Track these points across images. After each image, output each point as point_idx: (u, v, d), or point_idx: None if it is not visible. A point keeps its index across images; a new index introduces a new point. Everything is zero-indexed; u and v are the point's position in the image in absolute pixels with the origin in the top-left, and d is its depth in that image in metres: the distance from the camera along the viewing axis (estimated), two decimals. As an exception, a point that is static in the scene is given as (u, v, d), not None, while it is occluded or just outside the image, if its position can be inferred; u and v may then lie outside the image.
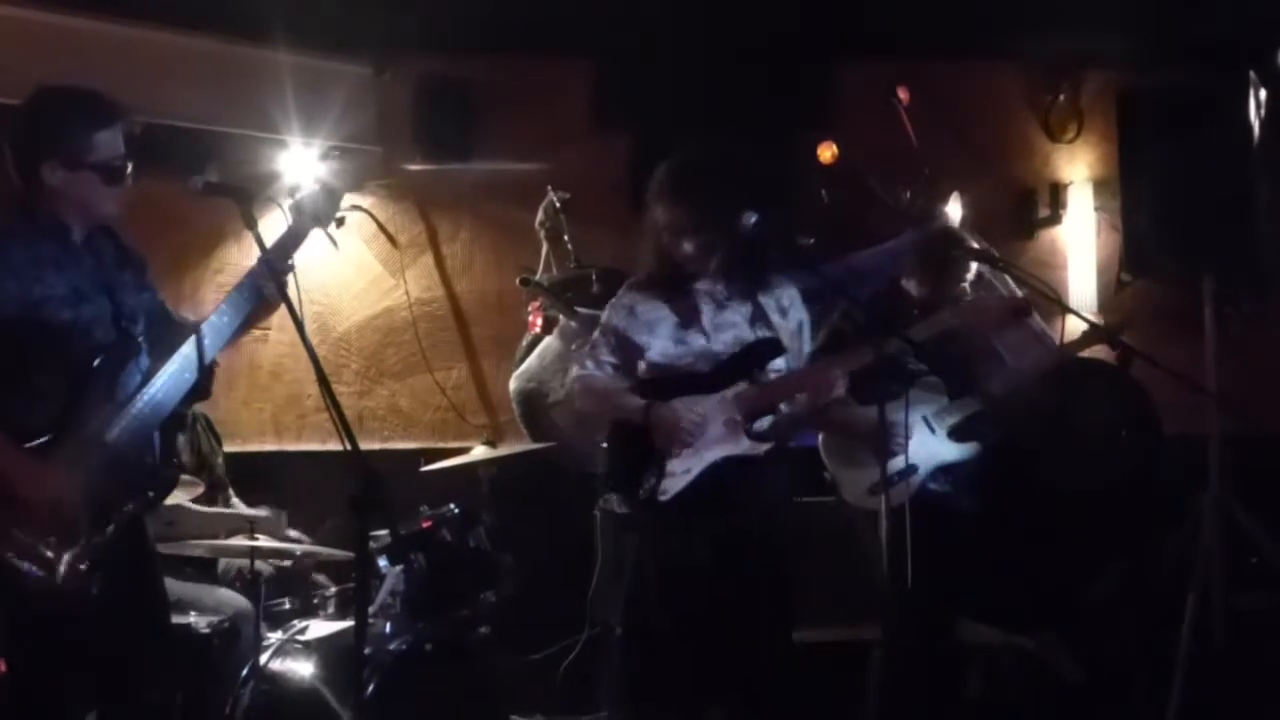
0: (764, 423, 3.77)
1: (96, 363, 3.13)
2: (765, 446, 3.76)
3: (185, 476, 4.57)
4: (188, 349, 3.19)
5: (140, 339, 3.27)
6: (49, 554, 3.01)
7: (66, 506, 3.03)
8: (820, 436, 4.38)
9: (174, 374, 3.18)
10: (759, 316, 3.82)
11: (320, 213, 3.32)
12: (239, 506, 5.05)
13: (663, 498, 3.67)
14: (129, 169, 3.26)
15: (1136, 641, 4.68)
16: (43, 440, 3.06)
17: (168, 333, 3.34)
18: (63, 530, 3.02)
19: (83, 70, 5.00)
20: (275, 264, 3.26)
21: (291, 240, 3.30)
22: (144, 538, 3.37)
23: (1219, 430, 4.58)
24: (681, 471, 3.68)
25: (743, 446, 3.72)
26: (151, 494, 3.30)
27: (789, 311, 3.86)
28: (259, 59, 5.53)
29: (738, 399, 3.73)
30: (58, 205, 3.19)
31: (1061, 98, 6.20)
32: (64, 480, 3.03)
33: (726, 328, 3.80)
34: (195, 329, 3.22)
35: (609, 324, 3.87)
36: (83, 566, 3.03)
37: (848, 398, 4.19)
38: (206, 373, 4.82)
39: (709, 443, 3.70)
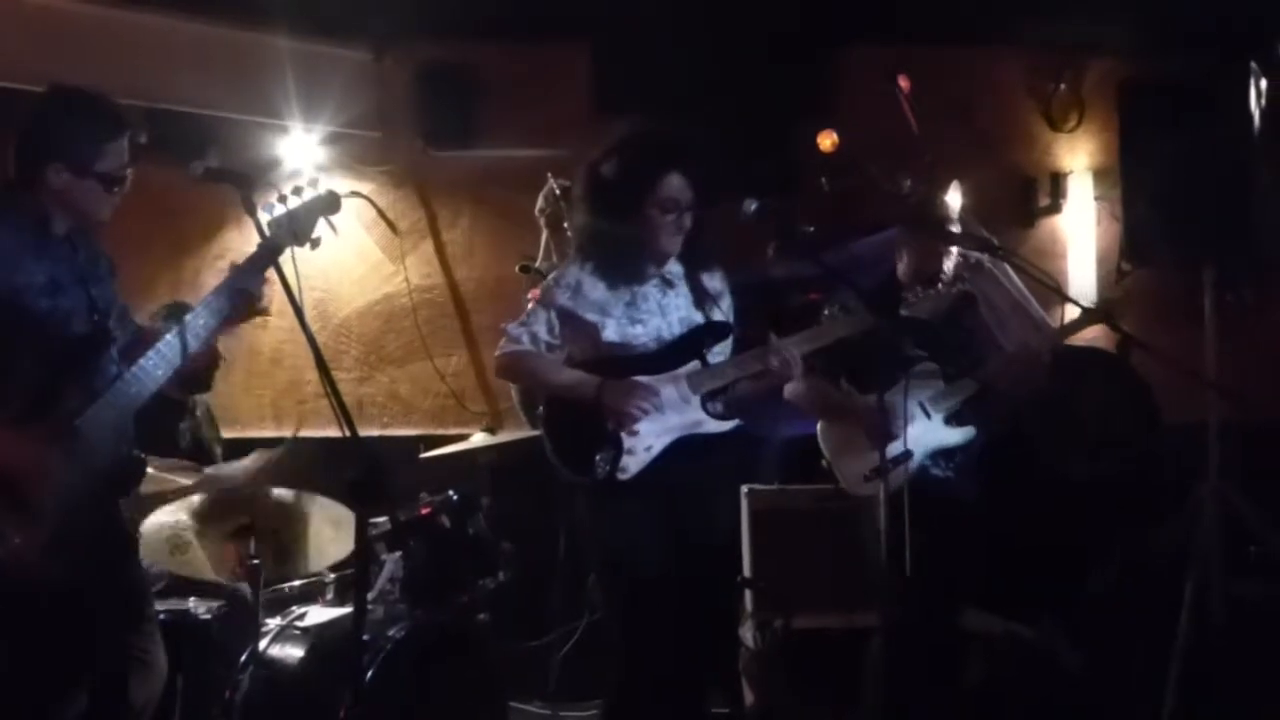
0: (719, 406, 3.75)
1: (72, 351, 3.14)
2: (726, 425, 3.75)
3: (182, 461, 4.56)
4: (163, 345, 3.17)
5: (113, 332, 3.28)
6: (8, 531, 2.98)
7: (38, 483, 3.00)
8: (818, 424, 4.36)
9: (148, 368, 3.16)
10: (703, 298, 3.82)
11: (297, 230, 3.29)
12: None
13: (623, 476, 3.62)
14: (129, 177, 3.26)
15: (1135, 629, 4.66)
16: (16, 419, 3.05)
17: (127, 335, 3.35)
18: (29, 508, 3.00)
19: (83, 55, 5.02)
20: (250, 276, 3.26)
21: (267, 255, 3.26)
22: (116, 523, 3.35)
23: (1218, 418, 4.57)
24: (643, 449, 3.64)
25: (703, 425, 3.71)
26: (121, 483, 3.29)
27: (722, 295, 3.88)
28: (259, 44, 5.53)
29: (691, 379, 3.71)
30: (51, 203, 3.21)
31: (1063, 87, 6.15)
32: (38, 455, 3.01)
33: (675, 309, 3.79)
34: (168, 329, 3.21)
35: (550, 300, 3.77)
36: (39, 547, 3.00)
37: (848, 385, 4.20)
38: (209, 366, 4.84)
39: (668, 421, 3.67)
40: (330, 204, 3.33)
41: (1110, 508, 5.06)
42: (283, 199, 3.29)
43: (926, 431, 4.14)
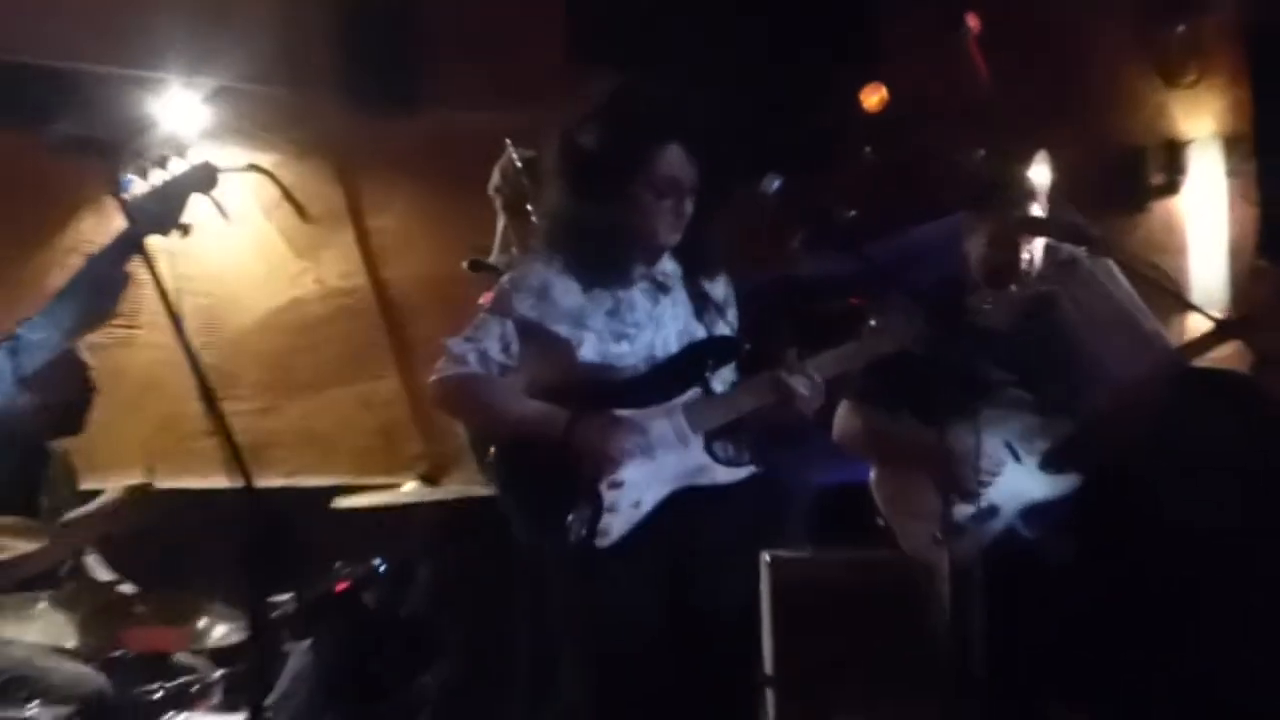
0: (729, 448, 3.73)
1: None
2: (739, 473, 3.74)
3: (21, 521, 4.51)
4: None
5: None
6: None
7: None
8: (872, 471, 4.37)
9: None
10: (705, 307, 3.82)
11: (163, 216, 3.24)
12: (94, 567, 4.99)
13: (603, 541, 3.58)
14: None
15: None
16: None
17: None
18: None
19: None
20: (105, 274, 3.21)
21: (125, 247, 3.21)
22: None
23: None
24: (629, 506, 3.61)
25: (708, 473, 3.69)
26: None
27: (728, 304, 3.89)
28: (129, -23, 5.57)
29: (691, 412, 3.68)
30: None
31: (1180, 29, 6.18)
32: None
33: (671, 320, 3.78)
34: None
35: (507, 308, 3.73)
36: None
37: (909, 417, 4.16)
38: (81, 399, 4.83)
39: (662, 467, 3.65)
40: (205, 180, 3.26)
41: (1238, 570, 5.04)
42: (143, 174, 3.24)
43: (1017, 480, 4.17)
